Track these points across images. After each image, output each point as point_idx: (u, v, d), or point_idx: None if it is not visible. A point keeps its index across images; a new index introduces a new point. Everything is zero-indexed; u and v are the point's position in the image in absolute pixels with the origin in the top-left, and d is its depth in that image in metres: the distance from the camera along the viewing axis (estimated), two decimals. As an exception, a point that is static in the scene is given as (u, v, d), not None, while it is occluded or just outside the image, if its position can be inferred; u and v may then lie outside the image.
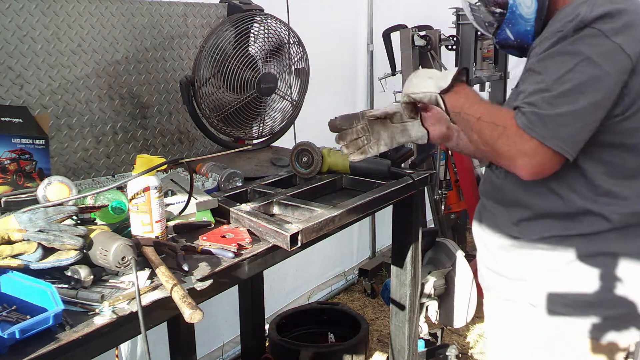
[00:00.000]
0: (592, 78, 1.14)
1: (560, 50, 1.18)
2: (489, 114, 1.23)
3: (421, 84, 1.34)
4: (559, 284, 1.29)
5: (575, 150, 1.17)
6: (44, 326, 0.96)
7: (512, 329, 1.40)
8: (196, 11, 2.19)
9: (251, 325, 2.51)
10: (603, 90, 1.15)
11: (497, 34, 1.41)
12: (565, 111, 1.14)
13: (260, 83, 1.99)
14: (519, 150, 1.17)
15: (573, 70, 1.15)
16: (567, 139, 1.15)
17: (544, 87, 1.16)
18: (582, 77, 1.14)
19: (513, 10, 1.34)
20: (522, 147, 1.16)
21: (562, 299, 1.28)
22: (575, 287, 1.27)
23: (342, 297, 3.66)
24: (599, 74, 1.14)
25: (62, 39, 1.79)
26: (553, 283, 1.29)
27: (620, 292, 1.25)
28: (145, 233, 1.29)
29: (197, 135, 2.22)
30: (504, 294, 1.40)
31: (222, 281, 1.25)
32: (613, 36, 1.14)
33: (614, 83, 1.15)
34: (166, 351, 2.15)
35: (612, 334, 1.26)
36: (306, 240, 1.36)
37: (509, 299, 1.38)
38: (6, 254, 1.09)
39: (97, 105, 1.91)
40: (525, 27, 1.34)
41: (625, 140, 1.21)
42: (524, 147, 1.16)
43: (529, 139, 1.15)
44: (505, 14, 1.36)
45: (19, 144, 1.53)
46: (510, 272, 1.36)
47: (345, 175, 1.80)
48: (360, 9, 3.59)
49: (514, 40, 1.39)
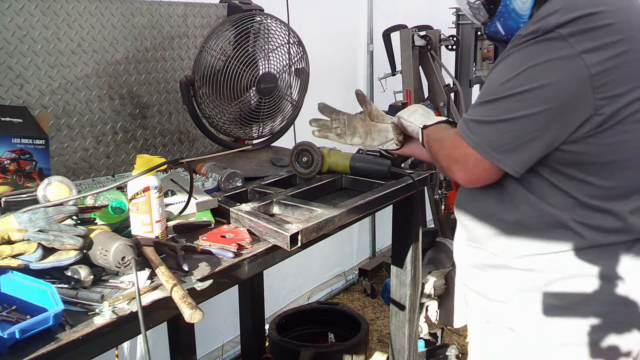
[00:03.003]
0: (539, 87, 1.06)
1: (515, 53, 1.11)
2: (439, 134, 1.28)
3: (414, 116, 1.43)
4: (538, 307, 1.19)
5: (512, 162, 1.09)
6: (44, 326, 0.95)
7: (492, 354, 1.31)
8: (196, 11, 2.19)
9: (251, 325, 2.51)
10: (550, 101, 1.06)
11: (488, 25, 1.32)
12: (498, 119, 1.08)
13: (260, 83, 1.99)
14: (454, 157, 1.16)
15: (519, 77, 1.07)
16: (500, 148, 1.09)
17: (488, 91, 1.12)
18: (525, 85, 1.06)
19: (507, 3, 1.25)
20: (457, 154, 1.15)
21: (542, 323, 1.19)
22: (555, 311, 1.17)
23: (342, 297, 3.66)
24: (546, 82, 1.05)
25: (62, 39, 1.79)
26: (532, 306, 1.19)
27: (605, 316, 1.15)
28: (145, 233, 1.29)
29: (197, 135, 2.22)
30: (483, 315, 1.33)
31: (222, 281, 1.25)
32: (575, 43, 1.05)
33: (565, 94, 1.05)
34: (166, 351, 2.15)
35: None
36: (306, 240, 1.36)
37: (489, 320, 1.30)
38: (6, 254, 1.09)
39: (97, 105, 1.91)
40: (517, 24, 1.25)
41: (601, 158, 1.11)
42: (458, 153, 1.14)
43: (465, 146, 1.12)
44: (498, 7, 1.27)
45: (19, 144, 1.53)
46: (489, 292, 1.29)
47: (345, 175, 1.79)
48: (360, 9, 3.59)
49: (504, 35, 1.30)
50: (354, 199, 1.56)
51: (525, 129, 1.08)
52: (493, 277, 1.26)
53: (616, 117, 1.07)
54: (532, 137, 1.08)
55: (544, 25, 1.08)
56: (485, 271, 1.28)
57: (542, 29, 1.08)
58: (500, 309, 1.26)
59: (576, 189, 1.13)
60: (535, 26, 1.09)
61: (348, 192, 1.77)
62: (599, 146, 1.09)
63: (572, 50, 1.05)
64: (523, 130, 1.08)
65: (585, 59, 1.04)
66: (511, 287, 1.23)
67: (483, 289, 1.30)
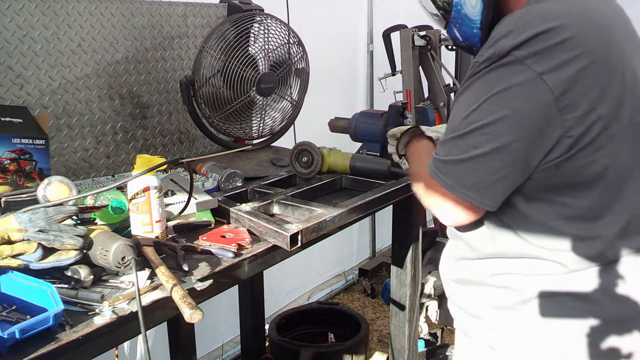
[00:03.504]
0: (502, 117, 1.00)
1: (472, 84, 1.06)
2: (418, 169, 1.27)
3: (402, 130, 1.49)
4: (513, 325, 1.16)
5: (490, 199, 1.05)
6: (44, 326, 0.96)
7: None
8: (196, 11, 2.19)
9: (251, 325, 2.51)
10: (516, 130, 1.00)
11: (447, 31, 1.28)
12: (466, 157, 1.03)
13: (260, 83, 1.99)
14: (431, 201, 1.13)
15: (480, 109, 1.02)
16: (473, 187, 1.04)
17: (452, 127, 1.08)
18: (488, 117, 1.01)
19: (458, 9, 1.20)
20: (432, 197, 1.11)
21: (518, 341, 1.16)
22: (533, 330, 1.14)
23: (342, 297, 3.66)
24: (510, 112, 1.00)
25: (62, 39, 1.79)
26: (507, 323, 1.16)
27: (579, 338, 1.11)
28: (145, 233, 1.29)
29: (197, 135, 2.22)
30: (462, 328, 1.31)
31: (222, 281, 1.25)
32: (534, 65, 0.99)
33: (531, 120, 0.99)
34: (166, 351, 2.15)
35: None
36: (306, 240, 1.36)
37: (469, 335, 1.28)
38: (6, 254, 1.09)
39: (97, 105, 1.91)
40: (471, 29, 1.20)
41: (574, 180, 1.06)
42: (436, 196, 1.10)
43: (440, 187, 1.08)
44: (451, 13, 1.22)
45: (19, 144, 1.53)
46: (467, 307, 1.26)
47: (345, 175, 1.79)
48: (360, 9, 3.59)
49: (462, 41, 1.25)
50: (354, 199, 1.56)
51: (496, 164, 1.03)
52: (470, 292, 1.24)
53: (588, 136, 1.02)
54: (504, 172, 1.03)
55: (499, 50, 1.02)
56: (464, 286, 1.26)
57: (497, 54, 1.02)
58: (478, 325, 1.24)
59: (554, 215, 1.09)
60: (490, 51, 1.04)
61: (348, 192, 1.77)
62: (575, 168, 1.04)
63: (532, 72, 0.99)
64: (493, 165, 1.03)
65: (547, 81, 0.99)
66: (486, 303, 1.20)
67: (463, 304, 1.28)
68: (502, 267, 1.17)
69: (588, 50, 1.02)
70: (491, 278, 1.18)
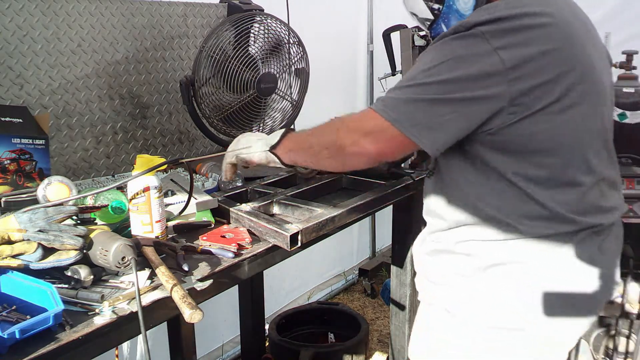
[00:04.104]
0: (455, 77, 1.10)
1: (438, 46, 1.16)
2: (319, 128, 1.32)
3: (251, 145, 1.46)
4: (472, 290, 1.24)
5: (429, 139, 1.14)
6: (44, 326, 0.96)
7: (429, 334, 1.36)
8: (196, 11, 2.19)
9: (251, 325, 2.51)
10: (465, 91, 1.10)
11: (433, 28, 1.36)
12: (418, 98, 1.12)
13: (260, 83, 1.99)
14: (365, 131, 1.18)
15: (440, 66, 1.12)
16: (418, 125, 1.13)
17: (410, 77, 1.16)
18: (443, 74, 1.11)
19: (450, 4, 1.30)
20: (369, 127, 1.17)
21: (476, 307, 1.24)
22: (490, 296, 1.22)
23: (342, 297, 3.66)
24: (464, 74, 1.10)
25: (62, 39, 1.79)
26: (467, 289, 1.25)
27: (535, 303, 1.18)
28: (145, 233, 1.29)
29: (197, 135, 2.22)
30: (426, 298, 1.37)
31: (222, 281, 1.25)
32: (492, 39, 1.09)
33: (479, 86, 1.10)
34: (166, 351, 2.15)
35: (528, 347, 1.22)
36: (306, 240, 1.36)
37: (430, 303, 1.35)
38: (6, 254, 1.09)
39: (97, 105, 1.91)
40: None
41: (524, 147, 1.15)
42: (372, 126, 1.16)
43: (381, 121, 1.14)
44: (442, 8, 1.32)
45: (19, 144, 1.53)
46: (434, 275, 1.33)
47: (345, 175, 1.79)
48: (360, 9, 3.59)
49: None
50: (354, 199, 1.56)
51: (444, 111, 1.12)
52: (437, 261, 1.32)
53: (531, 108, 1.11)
54: (449, 119, 1.13)
55: (465, 23, 1.13)
56: (432, 256, 1.34)
57: (464, 26, 1.13)
58: (440, 292, 1.31)
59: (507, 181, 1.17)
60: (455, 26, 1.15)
61: (348, 192, 1.77)
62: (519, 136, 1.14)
63: (488, 46, 1.09)
64: (441, 111, 1.12)
65: (500, 54, 1.09)
66: (451, 270, 1.28)
67: (429, 273, 1.35)
68: (466, 234, 1.25)
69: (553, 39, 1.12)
70: (457, 245, 1.26)
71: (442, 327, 1.31)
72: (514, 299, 1.20)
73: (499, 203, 1.19)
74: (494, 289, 1.21)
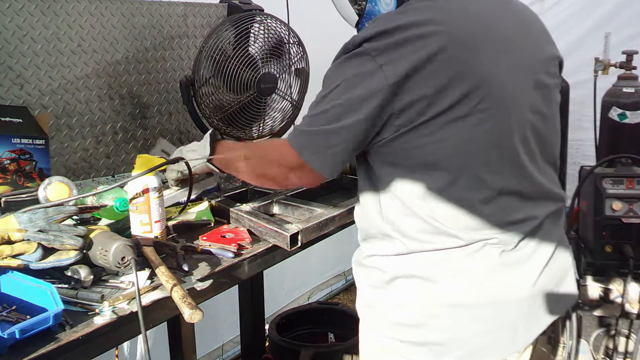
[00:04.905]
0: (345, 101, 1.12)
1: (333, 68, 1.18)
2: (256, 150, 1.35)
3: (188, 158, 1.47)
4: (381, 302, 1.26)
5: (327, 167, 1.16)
6: (44, 326, 0.96)
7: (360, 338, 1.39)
8: (196, 11, 2.19)
9: (251, 325, 2.51)
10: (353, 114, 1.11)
11: (359, 28, 1.35)
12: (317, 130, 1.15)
13: (260, 83, 1.99)
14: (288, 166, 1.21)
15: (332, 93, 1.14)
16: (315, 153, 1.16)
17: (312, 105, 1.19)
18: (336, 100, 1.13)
19: (373, 4, 1.29)
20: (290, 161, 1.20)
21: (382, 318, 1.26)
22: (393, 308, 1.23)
23: (342, 297, 3.66)
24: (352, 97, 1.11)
25: (62, 39, 1.79)
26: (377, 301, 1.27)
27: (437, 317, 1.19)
28: (144, 233, 1.29)
29: (197, 135, 2.22)
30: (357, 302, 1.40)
31: (222, 281, 1.25)
32: (377, 56, 1.09)
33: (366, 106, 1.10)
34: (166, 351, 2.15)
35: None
36: (306, 240, 1.36)
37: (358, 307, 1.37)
38: (6, 254, 1.09)
39: (97, 105, 1.91)
40: None
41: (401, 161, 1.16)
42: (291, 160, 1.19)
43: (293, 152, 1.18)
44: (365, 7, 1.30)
45: (19, 144, 1.53)
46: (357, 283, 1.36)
47: (345, 175, 1.80)
48: (360, 9, 3.59)
49: None
50: (354, 199, 1.55)
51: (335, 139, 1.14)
52: (357, 271, 1.35)
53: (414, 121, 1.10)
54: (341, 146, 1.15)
55: (354, 40, 1.13)
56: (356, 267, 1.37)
57: (352, 43, 1.13)
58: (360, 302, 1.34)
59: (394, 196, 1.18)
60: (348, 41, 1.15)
61: (348, 192, 1.77)
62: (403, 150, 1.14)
63: (374, 64, 1.09)
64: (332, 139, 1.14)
65: (385, 71, 1.08)
66: (364, 282, 1.31)
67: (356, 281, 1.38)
68: (371, 248, 1.28)
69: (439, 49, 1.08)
70: (365, 259, 1.29)
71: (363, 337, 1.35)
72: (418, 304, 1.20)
73: (391, 217, 1.20)
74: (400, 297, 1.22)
